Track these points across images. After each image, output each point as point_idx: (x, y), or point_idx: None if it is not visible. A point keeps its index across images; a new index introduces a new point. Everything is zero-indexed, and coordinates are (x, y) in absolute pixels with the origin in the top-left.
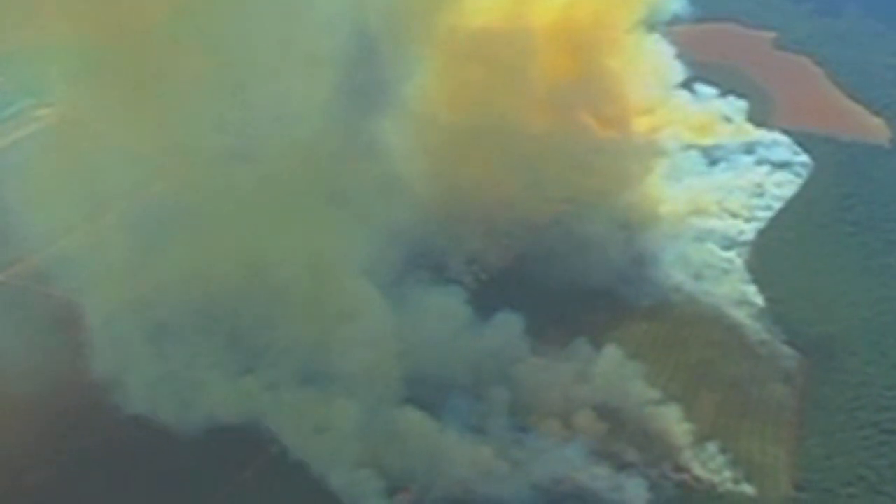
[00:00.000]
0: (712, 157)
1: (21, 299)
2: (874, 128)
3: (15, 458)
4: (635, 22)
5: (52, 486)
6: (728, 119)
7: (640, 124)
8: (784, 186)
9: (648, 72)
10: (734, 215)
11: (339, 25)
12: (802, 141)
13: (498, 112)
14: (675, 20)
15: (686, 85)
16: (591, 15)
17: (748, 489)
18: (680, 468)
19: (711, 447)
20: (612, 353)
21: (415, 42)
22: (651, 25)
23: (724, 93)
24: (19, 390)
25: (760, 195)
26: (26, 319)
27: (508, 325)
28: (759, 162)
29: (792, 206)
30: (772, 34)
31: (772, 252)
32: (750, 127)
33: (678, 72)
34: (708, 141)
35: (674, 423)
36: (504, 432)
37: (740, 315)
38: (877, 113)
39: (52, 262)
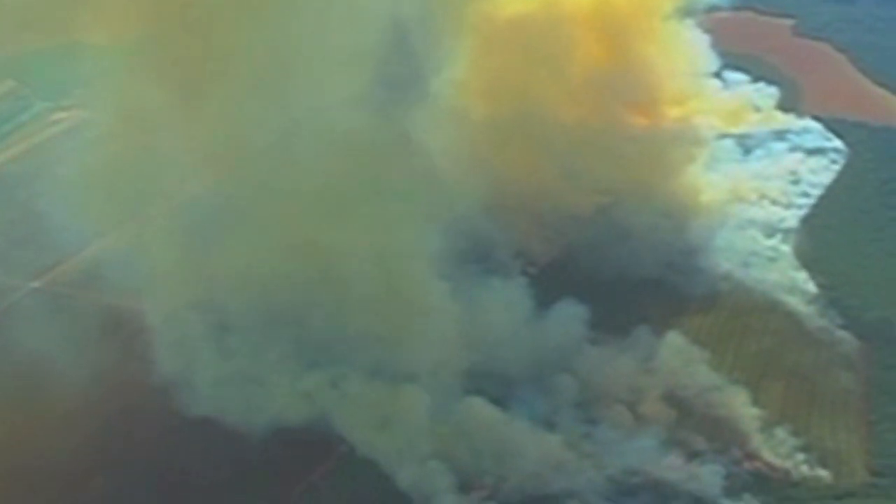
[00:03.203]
0: (746, 145)
1: (65, 305)
2: None
3: (80, 464)
4: (671, 10)
5: (119, 491)
6: (758, 107)
7: (675, 113)
8: (820, 173)
9: (683, 61)
10: (774, 202)
11: (374, 17)
12: (834, 127)
13: (534, 102)
14: (709, 8)
15: (715, 73)
16: (627, 2)
17: (824, 475)
18: (751, 455)
19: (781, 433)
20: (674, 341)
21: (449, 32)
22: (685, 13)
23: (754, 79)
24: (81, 396)
25: (797, 182)
26: (74, 325)
27: (570, 315)
28: (793, 149)
29: (831, 193)
30: (790, 21)
31: (817, 238)
32: (780, 114)
33: (711, 61)
34: (741, 129)
35: (742, 408)
36: (573, 424)
37: (794, 302)
38: None
39: (94, 265)
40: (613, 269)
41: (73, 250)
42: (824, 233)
